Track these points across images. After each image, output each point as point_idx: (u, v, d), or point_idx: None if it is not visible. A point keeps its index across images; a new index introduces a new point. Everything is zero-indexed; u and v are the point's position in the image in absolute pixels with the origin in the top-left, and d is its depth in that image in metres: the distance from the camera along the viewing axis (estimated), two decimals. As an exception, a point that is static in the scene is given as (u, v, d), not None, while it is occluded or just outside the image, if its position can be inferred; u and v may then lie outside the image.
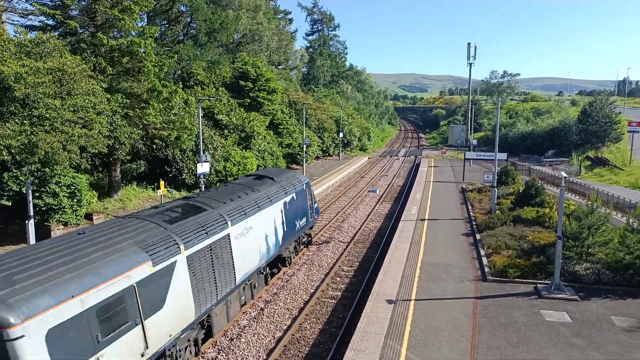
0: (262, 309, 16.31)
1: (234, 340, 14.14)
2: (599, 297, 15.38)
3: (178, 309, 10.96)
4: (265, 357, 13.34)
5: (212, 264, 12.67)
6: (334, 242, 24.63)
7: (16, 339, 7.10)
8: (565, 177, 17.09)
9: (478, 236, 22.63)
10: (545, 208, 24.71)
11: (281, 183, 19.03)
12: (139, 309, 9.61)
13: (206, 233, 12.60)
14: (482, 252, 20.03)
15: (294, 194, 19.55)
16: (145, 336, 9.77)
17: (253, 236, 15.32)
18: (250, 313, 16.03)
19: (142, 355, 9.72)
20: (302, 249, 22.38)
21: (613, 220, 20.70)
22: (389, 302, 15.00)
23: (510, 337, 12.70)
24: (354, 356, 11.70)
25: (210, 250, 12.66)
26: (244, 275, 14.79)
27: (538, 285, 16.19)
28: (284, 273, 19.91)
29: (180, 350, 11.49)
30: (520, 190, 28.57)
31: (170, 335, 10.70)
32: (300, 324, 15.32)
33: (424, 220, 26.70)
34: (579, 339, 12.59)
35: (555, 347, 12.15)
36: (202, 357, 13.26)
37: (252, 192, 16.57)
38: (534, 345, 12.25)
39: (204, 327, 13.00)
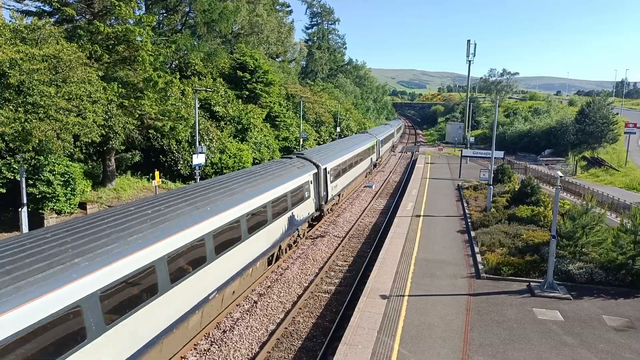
0: (255, 302, 16.29)
1: (227, 332, 14.12)
2: (591, 296, 15.46)
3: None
4: (257, 349, 13.33)
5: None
6: (329, 237, 24.61)
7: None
8: (561, 177, 17.09)
9: (473, 233, 22.66)
10: (541, 207, 24.77)
11: (393, 123, 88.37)
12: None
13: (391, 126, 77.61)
14: (477, 250, 20.07)
15: (403, 124, 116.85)
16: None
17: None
18: (243, 305, 16.01)
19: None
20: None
21: (607, 220, 20.76)
22: (383, 297, 15.01)
23: (502, 335, 12.75)
24: (347, 350, 11.70)
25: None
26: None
27: (531, 283, 16.25)
28: (278, 266, 19.90)
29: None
30: (516, 189, 28.63)
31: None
32: (294, 318, 15.31)
33: (419, 216, 26.72)
34: (571, 337, 12.65)
35: (547, 345, 12.20)
36: (195, 348, 13.24)
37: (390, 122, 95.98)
38: (525, 343, 12.31)
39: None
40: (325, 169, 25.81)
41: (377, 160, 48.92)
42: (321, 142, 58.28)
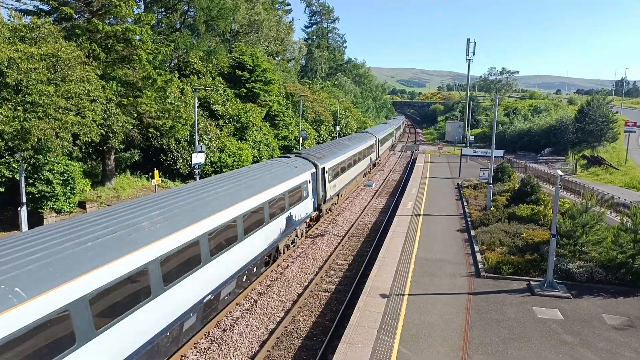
0: (255, 301, 16.27)
1: (227, 331, 14.11)
2: (591, 295, 15.46)
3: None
4: (257, 348, 13.32)
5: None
6: (329, 236, 24.60)
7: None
8: (561, 176, 17.07)
9: (473, 232, 22.65)
10: (540, 206, 24.76)
11: (399, 118, 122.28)
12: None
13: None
14: (477, 249, 20.06)
15: (404, 119, 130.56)
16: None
17: (398, 130, 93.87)
18: (243, 304, 16.00)
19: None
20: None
21: (607, 219, 20.76)
22: (383, 296, 15.00)
23: (502, 333, 12.74)
24: (347, 349, 11.70)
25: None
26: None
27: (531, 282, 16.24)
28: (278, 265, 19.89)
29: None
30: (516, 188, 28.62)
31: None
32: (294, 317, 15.30)
33: (419, 215, 26.71)
34: (570, 336, 12.65)
35: (546, 344, 12.20)
36: (195, 347, 13.23)
37: (397, 117, 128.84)
38: (525, 342, 12.30)
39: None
40: (378, 138, 49.06)
41: (394, 142, 75.14)
42: (321, 141, 58.42)
